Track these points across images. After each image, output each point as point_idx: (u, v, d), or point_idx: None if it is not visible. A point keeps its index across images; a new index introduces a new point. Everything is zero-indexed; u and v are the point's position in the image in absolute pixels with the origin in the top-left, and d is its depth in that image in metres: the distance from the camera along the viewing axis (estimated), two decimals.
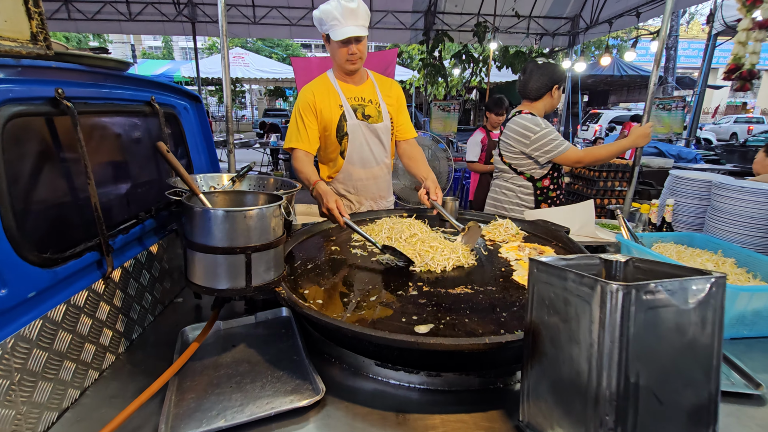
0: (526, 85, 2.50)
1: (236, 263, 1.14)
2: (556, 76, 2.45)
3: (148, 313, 1.45)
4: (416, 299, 1.27)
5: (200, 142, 1.95)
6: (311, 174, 2.08)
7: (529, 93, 2.49)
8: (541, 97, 2.49)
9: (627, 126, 7.59)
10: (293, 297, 1.23)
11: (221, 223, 1.11)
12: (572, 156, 2.34)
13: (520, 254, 1.63)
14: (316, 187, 1.93)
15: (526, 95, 2.52)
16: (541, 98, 2.49)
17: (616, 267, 1.09)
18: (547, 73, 2.44)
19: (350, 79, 2.30)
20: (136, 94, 1.41)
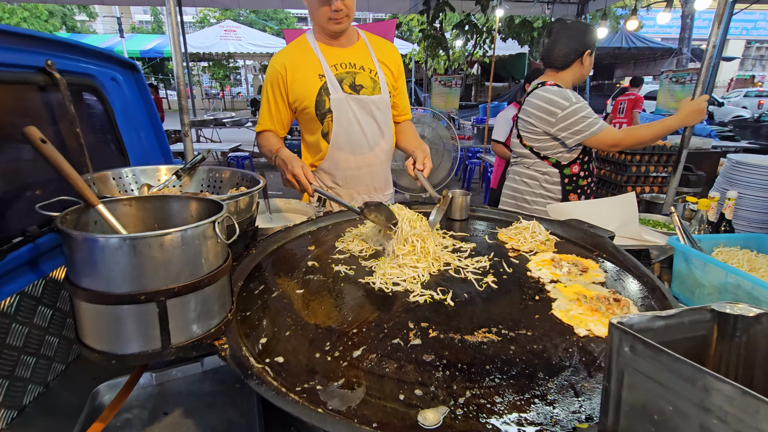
0: (551, 51, 2.05)
1: (145, 316, 0.74)
2: (589, 38, 1.99)
3: (53, 363, 1.06)
4: (420, 354, 0.88)
5: (142, 125, 1.52)
6: (274, 144, 1.78)
7: (555, 60, 2.04)
8: (569, 65, 2.04)
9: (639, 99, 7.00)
10: (241, 355, 0.84)
11: (116, 257, 0.71)
12: (608, 138, 1.90)
13: (556, 272, 1.23)
14: (279, 154, 1.64)
15: (551, 63, 2.07)
16: (570, 66, 2.04)
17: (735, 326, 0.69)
18: (578, 34, 1.98)
19: (335, 42, 1.85)
20: (10, 56, 0.98)
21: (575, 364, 0.85)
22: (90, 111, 1.27)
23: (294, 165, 1.57)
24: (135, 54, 17.84)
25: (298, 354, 0.88)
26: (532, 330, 0.97)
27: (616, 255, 1.34)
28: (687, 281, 1.51)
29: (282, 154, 1.66)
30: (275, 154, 1.70)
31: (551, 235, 1.50)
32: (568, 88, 2.02)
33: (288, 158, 1.62)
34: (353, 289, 1.16)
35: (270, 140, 1.86)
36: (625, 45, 16.73)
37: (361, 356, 0.88)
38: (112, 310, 0.74)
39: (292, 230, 1.54)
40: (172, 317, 0.76)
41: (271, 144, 1.82)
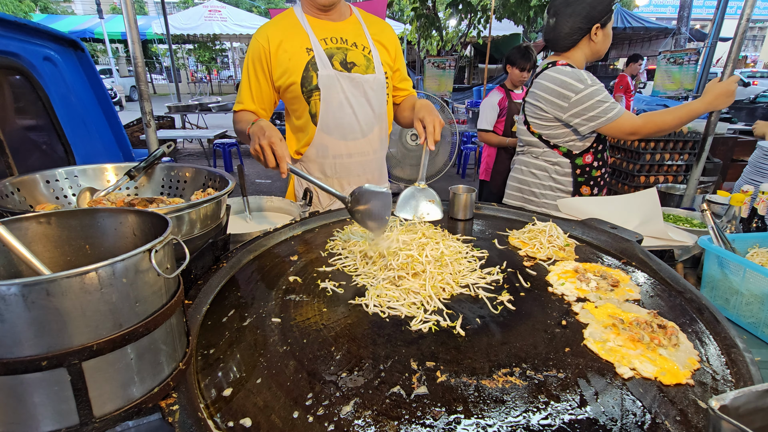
0: (553, 32, 1.83)
1: (52, 386, 0.54)
2: (595, 10, 1.75)
3: None
4: (425, 407, 0.69)
5: (91, 116, 1.29)
6: (251, 117, 1.53)
7: (558, 41, 1.83)
8: (574, 45, 1.82)
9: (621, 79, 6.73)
10: (194, 420, 0.64)
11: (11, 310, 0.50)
12: (626, 125, 1.70)
13: (583, 288, 1.04)
14: (258, 122, 1.36)
15: (555, 45, 1.86)
16: (576, 46, 1.82)
17: None
18: (581, 9, 1.75)
19: (325, 15, 1.63)
20: None
21: (627, 426, 0.66)
22: (16, 97, 1.03)
23: (272, 134, 1.29)
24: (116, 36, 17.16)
25: (271, 413, 0.69)
26: (564, 370, 0.78)
27: (649, 264, 1.15)
28: (721, 287, 1.34)
29: (261, 122, 1.38)
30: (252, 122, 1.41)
31: (570, 239, 1.31)
32: (581, 69, 1.81)
33: (267, 126, 1.34)
34: (342, 313, 0.96)
35: (246, 116, 1.61)
36: (620, 25, 16.37)
37: (352, 414, 0.68)
38: (9, 382, 0.53)
39: (273, 236, 1.33)
40: (92, 383, 0.56)
41: (248, 118, 1.55)
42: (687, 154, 2.86)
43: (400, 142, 3.63)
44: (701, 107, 1.69)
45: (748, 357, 0.78)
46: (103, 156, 1.33)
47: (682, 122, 1.68)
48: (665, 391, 0.73)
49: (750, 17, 1.64)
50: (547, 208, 1.89)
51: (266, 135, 1.26)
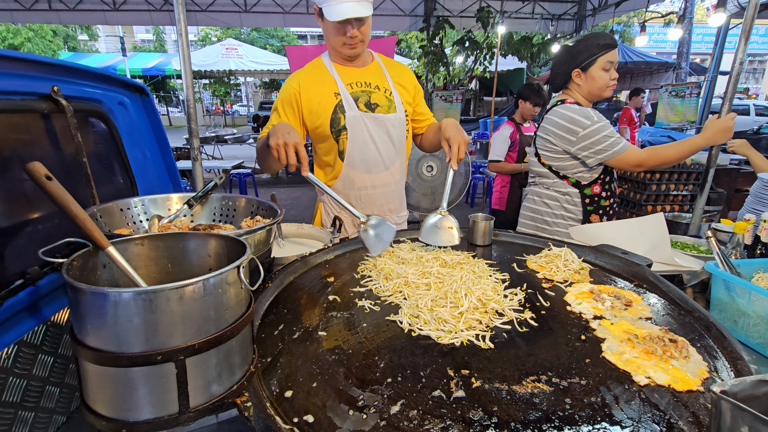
0: (550, 73, 2.06)
1: (160, 378, 0.65)
2: (575, 57, 1.94)
3: (54, 415, 0.96)
4: (465, 410, 0.78)
5: (150, 151, 1.45)
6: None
7: (552, 81, 2.07)
8: (564, 85, 2.02)
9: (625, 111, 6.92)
10: (267, 414, 0.74)
11: (128, 313, 0.62)
12: (632, 158, 1.83)
13: (598, 307, 1.14)
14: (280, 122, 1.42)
15: (552, 84, 2.08)
16: (569, 87, 2.01)
17: None
18: (565, 56, 1.98)
19: (350, 62, 1.82)
20: (14, 83, 0.90)
21: (644, 422, 0.75)
22: (97, 138, 1.20)
23: (296, 136, 1.33)
24: (137, 72, 18.00)
25: (328, 410, 0.79)
26: (586, 378, 0.87)
27: (659, 286, 1.25)
28: (728, 310, 1.41)
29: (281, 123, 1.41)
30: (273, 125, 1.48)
31: (584, 263, 1.41)
32: (588, 107, 1.96)
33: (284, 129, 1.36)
34: (380, 328, 1.07)
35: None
36: (622, 60, 16.90)
37: (399, 413, 0.78)
38: (123, 373, 0.65)
39: (309, 259, 1.45)
40: (191, 377, 0.67)
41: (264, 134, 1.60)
42: (691, 185, 2.97)
43: (415, 172, 3.79)
44: (702, 142, 1.81)
45: (753, 368, 0.87)
46: (157, 186, 1.48)
47: (683, 156, 1.81)
48: (678, 396, 0.82)
49: (743, 60, 1.80)
50: (560, 235, 2.00)
51: (291, 136, 1.33)
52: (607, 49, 1.87)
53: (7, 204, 0.95)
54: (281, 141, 1.32)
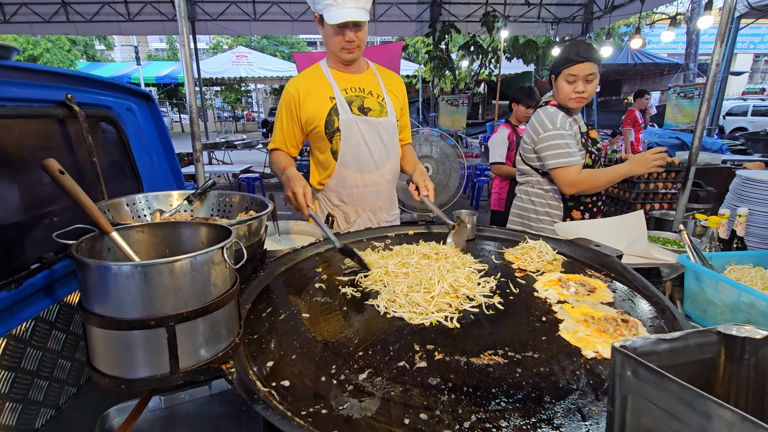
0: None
1: (154, 341, 0.76)
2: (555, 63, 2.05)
3: (65, 386, 1.08)
4: (425, 377, 0.88)
5: (156, 153, 1.58)
6: (283, 162, 1.88)
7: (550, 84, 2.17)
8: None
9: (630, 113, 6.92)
10: (247, 379, 0.85)
11: (127, 283, 0.73)
12: (568, 177, 1.95)
13: (563, 293, 1.22)
14: (286, 171, 1.73)
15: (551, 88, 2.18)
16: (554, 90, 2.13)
17: (743, 348, 0.69)
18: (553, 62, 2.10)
19: (346, 69, 1.94)
20: (35, 92, 1.03)
21: (582, 387, 0.84)
22: (106, 140, 1.32)
23: (296, 183, 1.63)
24: (151, 80, 18.47)
25: (304, 378, 0.89)
26: (539, 352, 0.96)
27: (625, 275, 1.32)
28: (699, 300, 1.48)
29: (288, 171, 1.73)
30: (282, 171, 1.78)
31: (558, 255, 1.50)
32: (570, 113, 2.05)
33: (293, 176, 1.69)
34: (360, 311, 1.17)
35: (280, 159, 1.96)
36: (631, 61, 16.82)
37: (366, 379, 0.88)
38: (122, 336, 0.76)
39: (300, 252, 1.56)
40: (180, 342, 0.78)
41: (281, 162, 1.91)
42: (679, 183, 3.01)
43: None
44: (625, 170, 1.94)
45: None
46: (162, 184, 1.60)
47: (610, 182, 1.98)
48: None
49: (720, 62, 1.86)
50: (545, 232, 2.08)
51: (291, 185, 1.63)
52: (568, 63, 1.94)
53: (26, 198, 1.08)
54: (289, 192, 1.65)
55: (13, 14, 10.50)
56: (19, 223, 1.04)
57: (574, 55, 1.91)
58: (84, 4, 10.48)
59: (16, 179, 1.03)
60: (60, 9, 10.51)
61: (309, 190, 1.61)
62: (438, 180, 4.02)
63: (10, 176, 1.02)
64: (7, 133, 0.99)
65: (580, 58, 1.90)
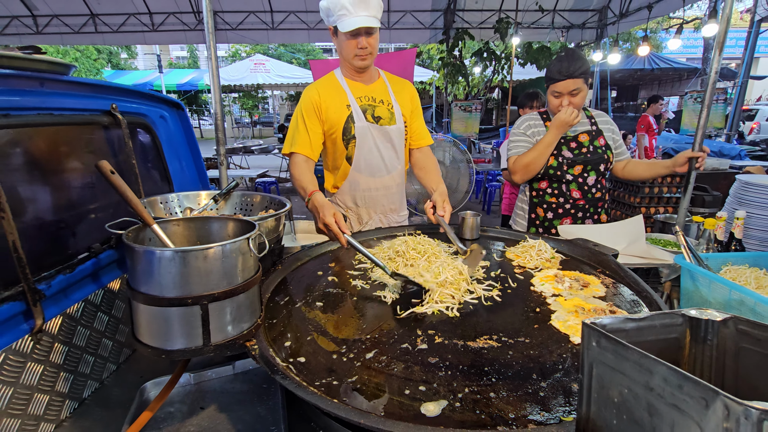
0: None
1: (190, 317, 0.89)
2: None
3: (108, 363, 1.22)
4: (425, 357, 0.98)
5: (184, 155, 1.72)
6: (309, 183, 1.82)
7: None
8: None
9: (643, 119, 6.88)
10: (268, 355, 0.96)
11: (169, 267, 0.86)
12: (509, 167, 2.19)
13: (558, 287, 1.31)
14: (312, 198, 1.67)
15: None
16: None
17: (707, 329, 0.77)
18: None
19: (359, 78, 2.05)
20: (88, 102, 1.18)
21: (567, 368, 0.93)
22: (143, 144, 1.47)
23: (326, 213, 1.53)
24: (172, 87, 19.02)
25: (318, 356, 1.00)
26: (531, 338, 1.05)
27: (618, 272, 1.40)
28: (694, 298, 1.55)
29: (315, 199, 1.66)
30: (309, 197, 1.72)
31: (557, 253, 1.58)
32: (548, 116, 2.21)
33: (321, 205, 1.59)
34: (368, 301, 1.28)
35: (305, 176, 1.88)
36: (648, 66, 16.64)
37: (372, 358, 0.99)
38: (163, 312, 0.88)
39: (315, 249, 1.68)
40: (212, 319, 0.90)
41: (306, 183, 1.84)
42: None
43: None
44: (549, 137, 2.05)
45: None
46: (189, 185, 1.74)
47: (541, 153, 2.06)
48: None
49: (718, 69, 1.92)
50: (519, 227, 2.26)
51: (321, 217, 1.54)
52: (551, 81, 2.05)
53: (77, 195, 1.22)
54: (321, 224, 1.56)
55: (45, 26, 11.01)
56: (72, 217, 1.18)
57: (556, 74, 2.01)
58: (111, 16, 10.94)
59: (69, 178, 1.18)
60: (89, 20, 10.99)
61: (341, 217, 1.52)
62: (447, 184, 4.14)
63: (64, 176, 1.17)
64: (63, 138, 1.14)
65: (561, 77, 1.99)
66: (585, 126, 2.16)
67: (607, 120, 2.22)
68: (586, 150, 2.09)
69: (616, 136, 2.21)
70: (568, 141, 2.10)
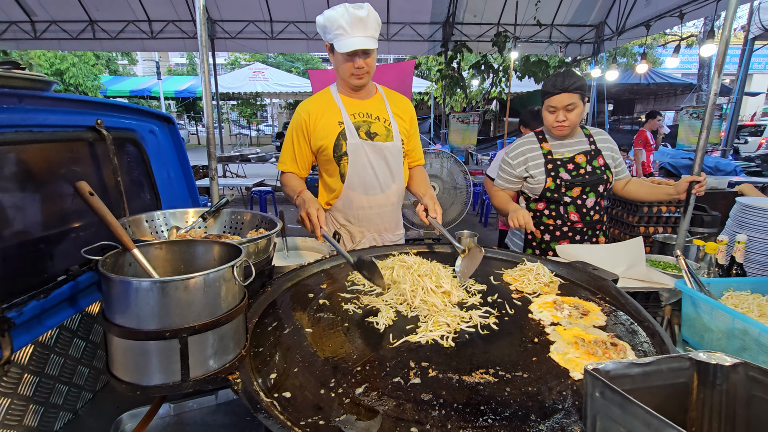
0: None
1: (167, 351, 0.83)
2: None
3: (83, 391, 1.15)
4: (418, 393, 0.93)
5: (174, 171, 1.68)
6: (296, 186, 1.96)
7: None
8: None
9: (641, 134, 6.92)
10: (251, 390, 0.91)
11: (147, 298, 0.81)
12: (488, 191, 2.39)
13: (557, 315, 1.26)
14: (301, 195, 1.82)
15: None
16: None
17: (715, 374, 0.73)
18: None
19: (355, 94, 2.02)
20: (70, 119, 1.14)
21: (567, 408, 0.88)
22: (130, 160, 1.43)
23: (310, 206, 1.71)
24: (170, 94, 19.04)
25: (305, 390, 0.95)
26: (529, 372, 1.01)
27: (619, 299, 1.36)
28: (696, 325, 1.51)
29: (304, 195, 1.83)
30: (297, 194, 1.86)
31: (555, 277, 1.54)
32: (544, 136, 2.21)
33: (308, 199, 1.79)
34: (360, 327, 1.23)
35: (293, 182, 2.04)
36: (644, 81, 16.82)
37: (363, 393, 0.93)
38: (140, 345, 0.83)
39: (307, 268, 1.63)
40: (192, 352, 0.85)
41: (294, 185, 1.99)
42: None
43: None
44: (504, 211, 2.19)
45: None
46: (179, 201, 1.69)
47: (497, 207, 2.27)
48: None
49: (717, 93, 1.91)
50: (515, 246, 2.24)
51: (305, 207, 1.69)
52: (547, 95, 2.06)
53: (56, 214, 1.17)
54: (303, 213, 1.72)
55: (43, 31, 10.99)
56: (49, 238, 1.13)
57: (551, 88, 2.01)
58: (110, 23, 10.94)
59: (48, 198, 1.13)
60: (87, 27, 10.99)
61: (322, 213, 1.68)
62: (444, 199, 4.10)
63: (44, 194, 1.12)
64: (45, 155, 1.09)
65: (556, 90, 1.99)
66: (583, 146, 2.13)
67: (606, 138, 2.20)
68: (584, 171, 2.06)
69: (616, 155, 2.18)
70: (565, 162, 2.07)
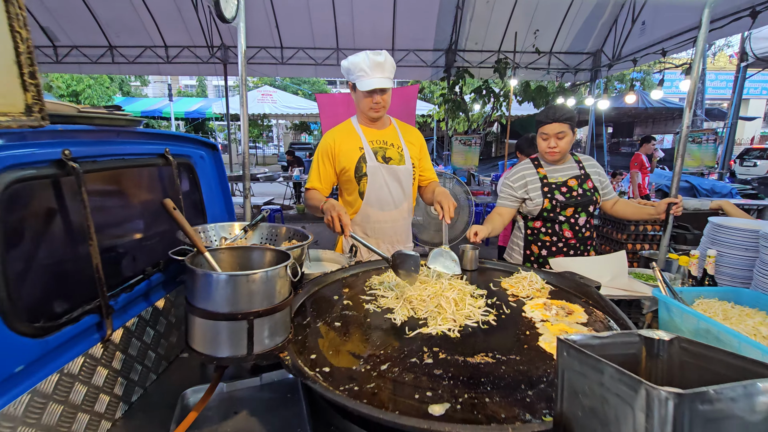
0: None
1: (237, 330, 1.07)
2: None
3: (150, 372, 1.39)
4: (431, 369, 1.16)
5: (216, 190, 1.94)
6: (322, 197, 2.17)
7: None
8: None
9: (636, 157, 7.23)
10: (298, 365, 1.14)
11: (223, 287, 1.05)
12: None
13: (546, 314, 1.50)
14: (328, 201, 1.97)
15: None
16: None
17: (658, 347, 0.96)
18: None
19: (373, 125, 2.34)
20: (148, 148, 1.41)
21: (550, 380, 1.11)
22: (186, 181, 1.69)
23: (338, 209, 1.83)
24: (180, 115, 19.64)
25: (339, 367, 1.18)
26: (521, 356, 1.23)
27: (600, 302, 1.59)
28: (669, 327, 1.73)
29: (330, 201, 1.97)
30: (325, 200, 2.03)
31: (546, 284, 1.77)
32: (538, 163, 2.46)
33: (335, 204, 1.91)
34: (380, 322, 1.46)
35: (318, 195, 2.26)
36: (642, 105, 17.30)
37: (386, 369, 1.16)
38: (215, 325, 1.07)
39: (329, 276, 1.87)
40: (255, 332, 1.09)
41: (320, 197, 2.20)
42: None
43: (425, 212, 4.25)
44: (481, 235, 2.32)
45: None
46: (219, 216, 1.95)
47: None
48: None
49: (689, 125, 2.18)
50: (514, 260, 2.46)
51: (336, 209, 1.86)
52: (540, 124, 2.35)
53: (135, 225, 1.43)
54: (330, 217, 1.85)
55: (65, 56, 11.55)
56: (132, 243, 1.38)
57: (544, 117, 2.31)
58: (128, 48, 11.49)
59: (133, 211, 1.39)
60: (107, 51, 11.55)
61: (348, 216, 1.84)
62: None
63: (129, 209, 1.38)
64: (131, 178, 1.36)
65: (548, 120, 2.29)
66: (574, 170, 2.40)
67: (594, 163, 2.47)
68: (576, 193, 2.32)
69: (603, 178, 2.45)
70: (559, 186, 2.34)
